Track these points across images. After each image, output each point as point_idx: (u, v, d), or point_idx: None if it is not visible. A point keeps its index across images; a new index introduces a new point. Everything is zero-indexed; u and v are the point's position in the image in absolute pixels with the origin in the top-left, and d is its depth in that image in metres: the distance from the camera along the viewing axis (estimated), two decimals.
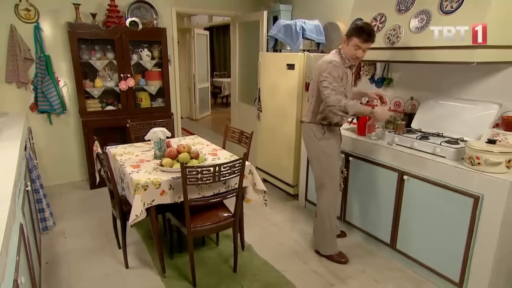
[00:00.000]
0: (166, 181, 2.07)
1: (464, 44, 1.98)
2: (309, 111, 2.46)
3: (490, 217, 1.87)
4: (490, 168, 1.87)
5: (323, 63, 2.30)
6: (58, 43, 3.55)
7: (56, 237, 2.79)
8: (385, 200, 2.47)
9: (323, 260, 2.54)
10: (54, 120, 3.70)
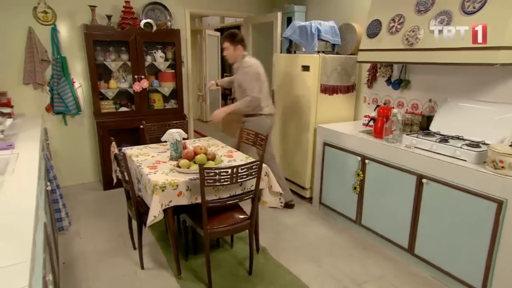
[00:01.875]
0: (183, 182, 2.10)
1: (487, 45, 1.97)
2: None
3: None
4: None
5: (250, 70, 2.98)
6: (74, 44, 3.63)
7: (72, 237, 2.84)
8: (403, 204, 2.46)
9: (339, 263, 2.54)
10: (69, 121, 3.78)
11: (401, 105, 3.09)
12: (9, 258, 1.02)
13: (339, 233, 2.97)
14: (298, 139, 3.53)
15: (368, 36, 2.83)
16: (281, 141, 3.79)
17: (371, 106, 3.37)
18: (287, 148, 3.70)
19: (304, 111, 3.41)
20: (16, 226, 1.20)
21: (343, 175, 2.97)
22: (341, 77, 3.36)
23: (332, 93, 3.35)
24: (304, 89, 3.37)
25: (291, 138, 3.62)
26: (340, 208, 3.08)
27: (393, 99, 3.17)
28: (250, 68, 2.99)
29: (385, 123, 2.67)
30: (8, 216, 1.28)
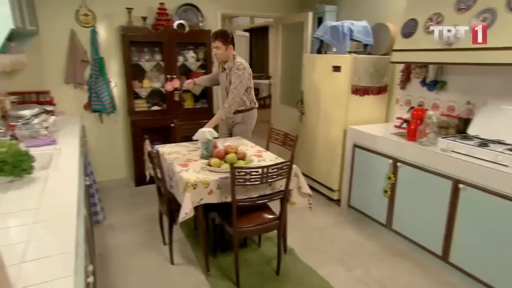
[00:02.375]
0: (214, 181, 2.13)
1: None
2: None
3: None
4: None
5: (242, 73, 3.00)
6: (111, 45, 3.78)
7: (106, 231, 2.96)
8: (437, 209, 2.37)
9: (368, 268, 2.49)
10: (105, 119, 3.94)
11: (436, 107, 2.98)
12: (54, 248, 1.08)
13: (368, 236, 2.91)
14: (327, 140, 3.48)
15: (403, 35, 2.75)
16: (310, 141, 3.76)
17: (404, 108, 3.27)
18: (316, 149, 3.66)
19: (334, 112, 3.36)
20: (60, 218, 1.27)
21: (373, 178, 2.90)
22: (373, 78, 3.29)
23: (363, 94, 3.28)
24: (335, 90, 3.33)
25: (320, 139, 3.58)
26: (370, 212, 3.01)
27: (428, 101, 3.06)
28: (244, 71, 2.99)
29: (419, 125, 2.59)
30: (53, 209, 1.35)
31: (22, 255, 1.03)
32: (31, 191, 1.51)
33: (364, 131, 2.99)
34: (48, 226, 1.22)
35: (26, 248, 1.07)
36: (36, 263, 1.00)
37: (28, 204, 1.38)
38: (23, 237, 1.13)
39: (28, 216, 1.28)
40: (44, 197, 1.45)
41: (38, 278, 0.93)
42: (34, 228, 1.20)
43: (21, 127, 2.28)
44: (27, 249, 1.06)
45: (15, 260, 1.00)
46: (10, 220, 1.27)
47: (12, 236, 1.16)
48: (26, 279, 0.92)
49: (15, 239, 1.12)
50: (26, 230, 1.18)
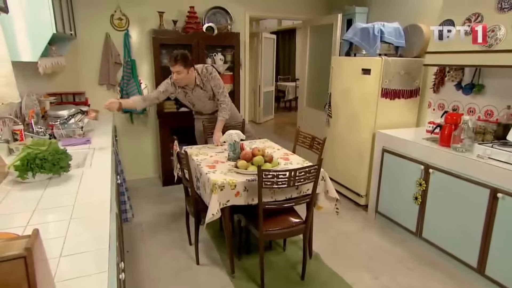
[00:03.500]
0: (241, 183, 2.14)
1: None
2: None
3: None
4: None
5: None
6: (143, 48, 3.89)
7: (135, 228, 3.04)
8: (472, 219, 2.26)
9: (396, 276, 2.41)
10: (135, 120, 4.06)
11: (472, 112, 2.85)
12: (89, 244, 1.11)
13: (397, 244, 2.82)
14: (355, 144, 3.41)
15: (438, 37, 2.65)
16: (337, 145, 3.70)
17: (437, 112, 3.15)
18: (344, 153, 3.59)
19: (362, 115, 3.29)
20: (94, 215, 1.31)
21: (403, 184, 2.81)
22: (404, 81, 3.19)
23: (393, 98, 3.19)
24: (364, 93, 3.25)
25: (348, 142, 3.51)
26: (398, 218, 2.91)
27: (463, 105, 2.93)
28: (214, 73, 3.01)
29: (453, 130, 2.48)
30: (87, 206, 1.40)
31: (60, 250, 1.07)
32: (67, 188, 1.57)
33: (393, 135, 2.90)
34: (83, 223, 1.26)
35: (63, 243, 1.11)
36: (72, 258, 1.04)
37: (65, 200, 1.44)
38: (60, 233, 1.17)
39: (65, 212, 1.33)
40: (79, 194, 1.51)
41: (74, 273, 0.96)
42: (70, 224, 1.24)
43: (59, 126, 2.39)
44: (65, 244, 1.11)
45: (55, 254, 1.04)
46: (48, 216, 1.32)
47: (51, 231, 1.21)
48: (62, 274, 0.96)
49: (53, 234, 1.17)
50: (63, 226, 1.22)
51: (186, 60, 2.80)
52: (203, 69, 3.01)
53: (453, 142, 2.46)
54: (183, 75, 2.84)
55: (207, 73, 3.00)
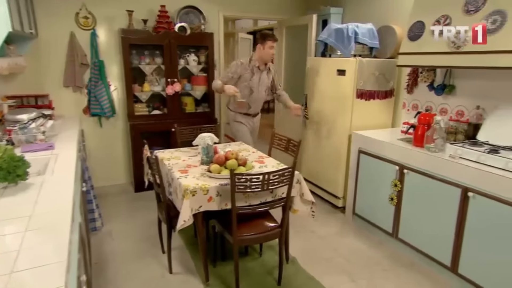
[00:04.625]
0: (214, 188, 2.12)
1: None
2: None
3: None
4: None
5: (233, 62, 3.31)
6: (111, 48, 3.80)
7: (104, 238, 2.95)
8: (445, 218, 2.33)
9: (373, 278, 2.45)
10: (104, 123, 3.96)
11: (444, 112, 2.95)
12: (46, 257, 1.07)
13: (374, 246, 2.87)
14: (332, 146, 3.46)
15: (410, 38, 2.73)
16: (314, 147, 3.74)
17: (411, 113, 3.24)
18: (321, 154, 3.64)
19: (338, 117, 3.34)
20: (53, 226, 1.26)
21: (379, 185, 2.87)
22: (378, 81, 3.27)
23: (368, 99, 3.27)
24: (339, 94, 3.31)
25: (325, 144, 3.56)
26: (375, 220, 2.98)
27: (435, 106, 3.03)
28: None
29: (426, 130, 2.56)
30: (46, 216, 1.34)
31: (12, 265, 1.02)
32: (25, 198, 1.50)
33: (369, 137, 2.96)
34: (41, 234, 1.21)
35: (17, 257, 1.06)
36: (26, 273, 0.99)
37: (21, 211, 1.37)
38: (13, 246, 1.12)
39: (20, 223, 1.27)
40: (38, 204, 1.44)
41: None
42: (26, 236, 1.19)
43: (18, 131, 2.29)
44: (18, 258, 1.05)
45: (5, 270, 0.99)
46: (1, 228, 1.26)
47: (3, 244, 1.15)
48: None
49: (6, 248, 1.12)
50: (17, 238, 1.17)
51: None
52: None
53: (426, 143, 2.54)
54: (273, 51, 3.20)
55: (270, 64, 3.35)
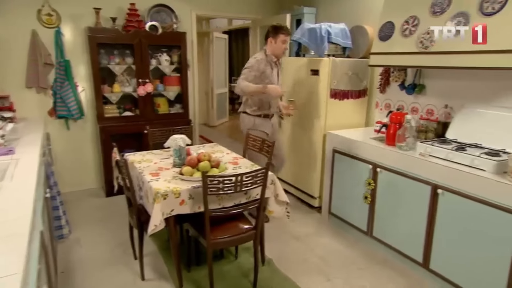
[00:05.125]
0: (186, 190, 2.09)
1: (507, 48, 1.93)
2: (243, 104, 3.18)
3: None
4: None
5: (250, 59, 3.02)
6: (78, 47, 3.69)
7: (72, 246, 2.85)
8: (417, 215, 2.40)
9: (349, 278, 2.49)
10: (72, 126, 3.83)
11: (415, 111, 3.05)
12: (1, 269, 1.01)
13: (350, 245, 2.92)
14: (307, 145, 3.50)
15: (380, 39, 2.81)
16: (290, 147, 3.76)
17: (384, 112, 3.32)
18: (296, 154, 3.67)
19: (313, 116, 3.38)
20: (11, 235, 1.20)
21: (353, 184, 2.92)
22: (352, 81, 3.33)
23: (342, 98, 3.32)
24: (313, 94, 3.35)
25: (300, 144, 3.59)
26: (351, 219, 3.03)
27: (407, 105, 3.13)
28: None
29: (398, 129, 2.63)
30: (3, 225, 1.28)
31: None
32: None
33: (343, 136, 3.02)
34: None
35: None
36: None
37: None
38: None
39: None
40: None
41: None
42: None
43: None
44: None
45: None
46: None
47: None
48: None
49: None
50: None
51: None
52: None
53: (397, 141, 2.60)
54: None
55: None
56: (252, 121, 3.08)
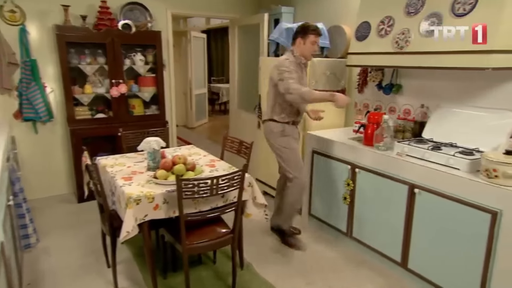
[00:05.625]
0: (160, 195, 2.05)
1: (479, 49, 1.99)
2: (269, 110, 2.86)
3: (510, 235, 1.85)
4: (508, 181, 1.85)
5: (279, 61, 2.72)
6: (45, 46, 3.57)
7: (40, 255, 2.75)
8: (395, 215, 2.45)
9: (328, 280, 2.51)
10: (40, 129, 3.70)
11: (393, 111, 3.10)
12: None
13: (329, 246, 2.94)
14: None
15: (357, 39, 2.84)
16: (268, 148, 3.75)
17: (362, 112, 3.37)
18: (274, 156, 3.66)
19: None
20: None
21: (333, 185, 2.95)
22: (330, 81, 3.36)
23: None
24: None
25: None
26: (330, 220, 3.05)
27: (385, 105, 3.18)
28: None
29: (375, 129, 2.67)
30: None
31: None
32: None
33: (322, 137, 3.04)
34: None
35: None
36: None
37: None
38: None
39: None
40: None
41: None
42: None
43: None
44: None
45: None
46: None
47: None
48: None
49: None
50: None
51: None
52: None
53: (375, 141, 2.64)
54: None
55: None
56: (281, 129, 2.81)
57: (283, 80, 2.61)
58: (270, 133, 2.86)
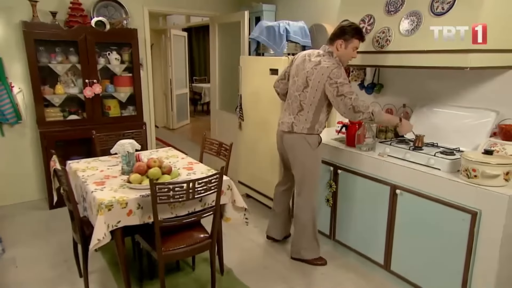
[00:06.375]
0: (134, 200, 2.01)
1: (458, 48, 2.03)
2: (306, 121, 2.50)
3: (489, 234, 1.89)
4: (487, 181, 1.89)
5: (328, 69, 2.35)
6: (11, 44, 3.46)
7: (6, 266, 2.66)
8: (377, 217, 2.47)
9: (311, 284, 2.51)
10: (7, 131, 3.59)
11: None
12: None
13: None
14: (267, 148, 3.49)
15: None
16: (250, 149, 3.75)
17: None
18: (257, 157, 3.66)
19: (273, 117, 3.38)
20: None
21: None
22: None
23: None
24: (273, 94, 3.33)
25: (261, 146, 3.58)
26: None
27: None
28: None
29: (357, 129, 2.69)
30: None
31: None
32: None
33: None
34: None
35: None
36: None
37: None
38: None
39: None
40: None
41: None
42: None
43: None
44: None
45: None
46: None
47: None
48: None
49: None
50: None
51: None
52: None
53: (357, 142, 2.66)
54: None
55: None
56: (319, 140, 2.58)
57: (345, 97, 2.31)
58: (304, 147, 2.53)
